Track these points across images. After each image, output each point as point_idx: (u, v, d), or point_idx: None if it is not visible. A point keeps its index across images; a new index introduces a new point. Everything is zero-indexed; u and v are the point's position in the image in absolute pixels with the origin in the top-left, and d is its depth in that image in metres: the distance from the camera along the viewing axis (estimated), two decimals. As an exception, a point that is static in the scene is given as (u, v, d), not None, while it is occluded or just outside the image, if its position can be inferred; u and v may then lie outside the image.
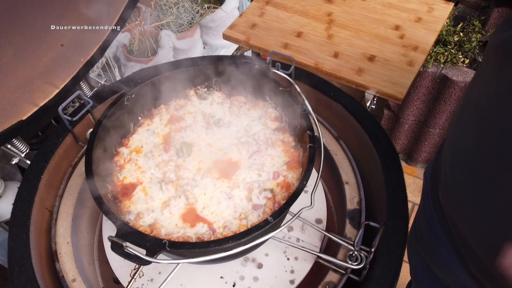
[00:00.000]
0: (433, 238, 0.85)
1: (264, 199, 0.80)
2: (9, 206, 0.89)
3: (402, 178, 0.86)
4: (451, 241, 0.79)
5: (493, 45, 0.62)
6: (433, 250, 0.87)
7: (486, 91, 0.62)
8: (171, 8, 1.92)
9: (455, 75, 1.70)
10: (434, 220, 0.84)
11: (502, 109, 0.57)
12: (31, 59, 0.97)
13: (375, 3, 1.56)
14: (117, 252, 0.64)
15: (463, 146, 0.67)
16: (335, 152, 1.00)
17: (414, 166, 2.21)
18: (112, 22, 1.07)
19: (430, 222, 0.86)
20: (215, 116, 0.96)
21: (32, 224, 0.84)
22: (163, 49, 1.83)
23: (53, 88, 0.99)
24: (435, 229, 0.84)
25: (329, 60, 1.36)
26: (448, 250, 0.81)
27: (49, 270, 0.84)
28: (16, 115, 0.92)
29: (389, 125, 2.10)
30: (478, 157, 0.62)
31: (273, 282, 0.84)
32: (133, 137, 0.94)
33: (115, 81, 1.73)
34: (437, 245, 0.84)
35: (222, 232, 0.76)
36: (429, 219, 0.86)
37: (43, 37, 0.98)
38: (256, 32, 1.48)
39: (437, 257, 0.86)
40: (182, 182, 0.84)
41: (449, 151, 0.74)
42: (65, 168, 0.99)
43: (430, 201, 0.86)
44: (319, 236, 0.89)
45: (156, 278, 0.86)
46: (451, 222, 0.78)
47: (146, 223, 0.78)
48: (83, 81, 1.18)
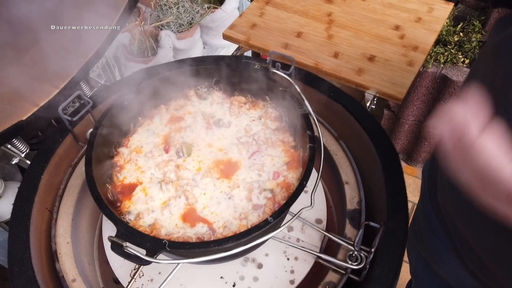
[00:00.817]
0: (432, 235, 0.85)
1: (264, 199, 0.80)
2: (9, 206, 0.89)
3: (402, 178, 0.86)
4: (449, 237, 0.79)
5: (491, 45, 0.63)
6: (431, 247, 0.87)
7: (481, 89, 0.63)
8: (171, 8, 1.92)
9: (455, 75, 1.70)
10: (432, 217, 0.85)
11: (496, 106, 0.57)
12: (31, 59, 0.97)
13: (375, 3, 1.56)
14: (117, 252, 0.64)
15: None
16: (335, 152, 1.00)
17: (414, 166, 2.22)
18: (112, 22, 1.07)
19: (428, 219, 0.87)
20: (215, 116, 0.97)
21: (32, 224, 0.84)
22: (163, 49, 1.83)
23: (53, 88, 0.99)
24: (433, 226, 0.84)
25: (329, 60, 1.36)
26: (446, 247, 0.81)
27: (49, 270, 0.84)
28: (16, 115, 0.92)
29: (389, 125, 2.10)
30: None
31: (273, 282, 0.84)
32: (133, 137, 0.94)
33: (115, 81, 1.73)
34: (435, 242, 0.85)
35: (222, 232, 0.76)
36: (427, 216, 0.87)
37: (43, 37, 0.98)
38: (256, 32, 1.48)
39: (436, 253, 0.86)
40: (182, 182, 0.84)
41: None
42: (65, 168, 0.99)
43: (428, 198, 0.87)
44: (319, 236, 0.89)
45: (156, 278, 0.86)
46: (447, 218, 0.78)
47: (146, 223, 0.78)
48: (83, 81, 1.18)
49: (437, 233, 0.83)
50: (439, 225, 0.82)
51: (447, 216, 0.78)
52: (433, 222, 0.84)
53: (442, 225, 0.81)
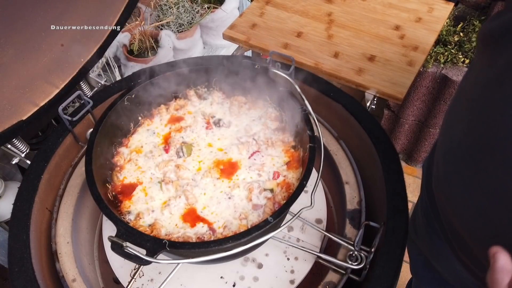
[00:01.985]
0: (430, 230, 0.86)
1: (264, 199, 0.80)
2: (9, 206, 0.89)
3: (402, 178, 0.86)
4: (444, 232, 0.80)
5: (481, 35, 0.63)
6: (430, 243, 0.87)
7: (476, 80, 0.63)
8: (171, 8, 1.92)
9: (455, 75, 1.70)
10: (429, 211, 0.85)
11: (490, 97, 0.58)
12: (31, 59, 0.97)
13: (375, 3, 1.56)
14: (117, 252, 0.64)
15: (454, 135, 0.68)
16: (335, 152, 1.00)
17: (414, 166, 2.22)
18: (112, 22, 1.07)
19: (426, 215, 0.87)
20: (215, 116, 0.97)
21: (32, 224, 0.84)
22: (163, 49, 1.83)
23: (53, 88, 0.99)
24: (430, 220, 0.85)
25: (329, 60, 1.36)
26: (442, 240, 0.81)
27: (49, 270, 0.84)
28: (16, 115, 0.92)
29: (389, 125, 2.10)
30: (467, 145, 0.63)
31: (273, 282, 0.84)
32: (133, 137, 0.94)
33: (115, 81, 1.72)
34: (433, 237, 0.85)
35: (222, 232, 0.76)
36: (425, 211, 0.87)
37: (43, 37, 0.98)
38: (256, 32, 1.48)
39: (434, 249, 0.86)
40: (182, 182, 0.84)
41: (441, 142, 0.75)
42: (65, 168, 0.99)
43: (426, 192, 0.87)
44: (319, 236, 0.89)
45: (156, 278, 0.86)
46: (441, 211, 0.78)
47: (146, 223, 0.78)
48: (83, 81, 1.18)
49: (434, 226, 0.83)
50: (434, 219, 0.83)
51: (441, 208, 0.78)
52: (430, 217, 0.85)
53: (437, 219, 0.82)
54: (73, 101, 0.96)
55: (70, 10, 1.01)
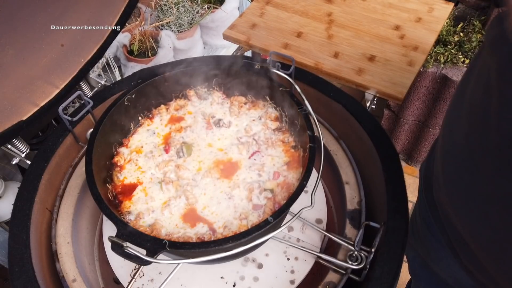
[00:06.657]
0: (428, 233, 0.86)
1: (264, 199, 0.80)
2: (9, 206, 0.88)
3: (402, 178, 0.86)
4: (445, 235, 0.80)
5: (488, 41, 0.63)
6: (428, 245, 0.87)
7: (478, 85, 0.63)
8: (171, 8, 1.92)
9: (455, 75, 1.70)
10: (428, 215, 0.85)
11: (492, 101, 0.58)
12: (31, 59, 0.97)
13: (375, 3, 1.56)
14: (117, 252, 0.64)
15: (455, 139, 0.68)
16: (335, 152, 1.00)
17: (414, 166, 2.22)
18: (112, 22, 1.08)
19: (425, 217, 0.87)
20: (215, 116, 0.97)
21: (32, 224, 0.84)
22: (163, 49, 1.83)
23: (53, 88, 0.99)
24: (430, 224, 0.85)
25: (329, 60, 1.36)
26: (442, 244, 0.81)
27: (50, 270, 0.84)
28: (16, 115, 0.92)
29: (389, 125, 2.10)
30: (468, 150, 0.63)
31: (273, 282, 0.84)
32: (133, 137, 0.94)
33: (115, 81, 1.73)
34: (432, 240, 0.85)
35: (222, 232, 0.76)
36: (424, 214, 0.87)
37: (43, 37, 0.98)
38: (256, 32, 1.48)
39: (433, 251, 0.86)
40: (182, 182, 0.84)
41: (441, 146, 0.75)
42: (65, 168, 0.99)
43: (424, 196, 0.87)
44: (319, 236, 0.89)
45: (156, 278, 0.86)
46: (443, 215, 0.78)
47: (146, 223, 0.78)
48: (83, 81, 1.18)
49: (434, 231, 0.83)
50: (434, 222, 0.83)
51: (443, 212, 0.78)
52: (429, 220, 0.85)
53: (437, 222, 0.82)
54: (73, 101, 0.96)
55: (70, 10, 1.01)
